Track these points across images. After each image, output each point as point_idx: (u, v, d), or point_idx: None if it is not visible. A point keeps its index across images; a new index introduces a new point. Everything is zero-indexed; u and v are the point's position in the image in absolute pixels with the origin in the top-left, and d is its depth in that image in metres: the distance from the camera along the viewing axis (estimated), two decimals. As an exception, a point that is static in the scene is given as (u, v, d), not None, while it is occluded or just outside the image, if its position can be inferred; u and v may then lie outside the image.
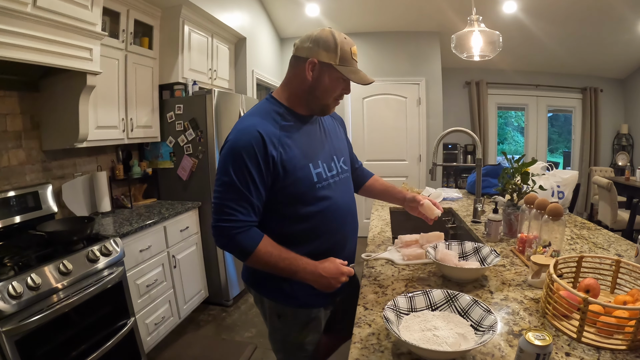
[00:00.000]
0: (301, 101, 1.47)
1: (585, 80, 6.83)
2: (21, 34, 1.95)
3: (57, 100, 2.57)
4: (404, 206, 1.88)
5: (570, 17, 5.12)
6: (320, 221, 1.46)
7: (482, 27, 2.92)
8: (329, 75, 1.40)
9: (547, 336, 0.90)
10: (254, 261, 1.35)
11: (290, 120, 1.44)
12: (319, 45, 1.37)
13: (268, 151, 1.31)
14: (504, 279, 1.54)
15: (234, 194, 1.30)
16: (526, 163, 2.12)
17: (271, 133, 1.34)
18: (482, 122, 6.86)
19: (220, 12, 3.93)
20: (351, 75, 1.40)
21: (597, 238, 2.09)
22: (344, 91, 1.48)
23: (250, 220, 1.33)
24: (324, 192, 1.45)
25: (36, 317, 1.80)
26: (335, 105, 1.52)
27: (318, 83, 1.41)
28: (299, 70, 1.42)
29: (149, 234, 2.82)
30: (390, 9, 5.23)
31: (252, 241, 1.32)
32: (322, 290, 1.39)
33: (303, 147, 1.43)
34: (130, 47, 3.11)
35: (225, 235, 1.31)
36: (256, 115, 1.41)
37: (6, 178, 2.46)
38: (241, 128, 1.35)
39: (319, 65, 1.38)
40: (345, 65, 1.40)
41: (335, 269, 1.38)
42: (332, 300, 1.59)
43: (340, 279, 1.38)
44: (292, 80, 1.46)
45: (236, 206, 1.30)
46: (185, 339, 3.16)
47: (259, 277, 1.52)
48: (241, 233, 1.31)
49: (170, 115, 3.57)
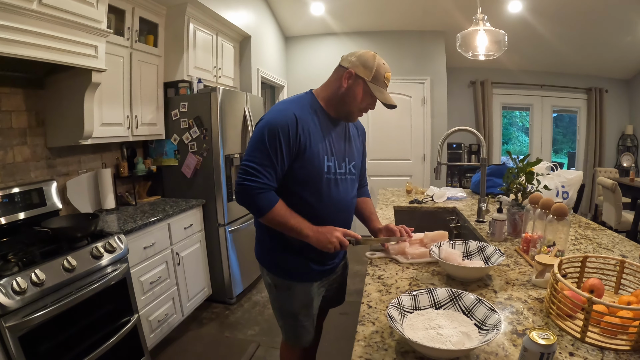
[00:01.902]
0: (333, 103, 1.70)
1: (590, 81, 6.80)
2: (27, 31, 1.96)
3: (62, 98, 2.58)
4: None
5: (575, 17, 5.10)
6: (318, 209, 1.66)
7: (488, 26, 2.91)
8: (360, 87, 1.64)
9: (551, 335, 0.89)
10: (269, 218, 1.58)
11: (320, 116, 1.68)
12: (360, 61, 1.62)
13: (298, 133, 1.55)
14: (508, 279, 1.54)
15: (264, 160, 1.53)
16: (531, 163, 2.12)
17: (303, 120, 1.58)
18: (487, 121, 6.84)
19: (226, 11, 3.94)
20: (377, 94, 1.64)
21: (601, 239, 2.08)
22: (369, 106, 1.71)
23: (271, 185, 1.56)
24: (329, 184, 1.67)
25: (40, 313, 1.81)
26: (359, 116, 1.76)
27: (349, 91, 1.64)
28: (339, 76, 1.66)
29: (153, 231, 2.83)
30: (395, 8, 5.23)
31: (269, 202, 1.55)
32: (320, 247, 1.60)
33: (324, 140, 1.66)
34: (135, 45, 3.12)
35: (248, 193, 1.54)
36: (294, 102, 1.67)
37: (11, 175, 2.47)
38: (280, 109, 1.61)
39: (355, 76, 1.63)
40: (376, 84, 1.64)
41: (330, 227, 1.63)
42: (324, 276, 1.83)
43: (334, 233, 1.60)
44: (332, 84, 1.70)
45: (262, 170, 1.53)
46: (188, 337, 3.17)
47: (263, 252, 1.81)
48: (262, 193, 1.54)
49: (174, 112, 3.58)
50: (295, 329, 1.82)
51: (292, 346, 1.91)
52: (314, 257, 1.73)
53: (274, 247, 1.74)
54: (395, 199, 3.33)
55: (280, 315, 1.84)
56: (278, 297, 1.80)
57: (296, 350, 1.93)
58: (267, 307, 3.65)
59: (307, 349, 2.02)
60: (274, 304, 1.86)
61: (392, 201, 3.22)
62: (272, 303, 1.88)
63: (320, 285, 1.84)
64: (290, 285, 1.75)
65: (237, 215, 3.78)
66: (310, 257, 1.73)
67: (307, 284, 1.77)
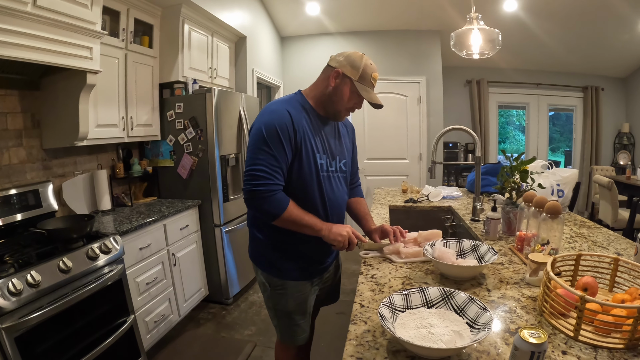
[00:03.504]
0: (321, 102, 1.72)
1: (586, 79, 6.82)
2: (21, 33, 1.96)
3: (58, 99, 2.57)
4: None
5: (571, 15, 5.11)
6: (311, 207, 1.67)
7: (482, 25, 2.92)
8: (347, 87, 1.66)
9: (542, 334, 0.89)
10: (284, 219, 1.58)
11: (311, 115, 1.70)
12: (348, 61, 1.65)
13: (295, 129, 1.58)
14: (501, 277, 1.54)
15: (270, 160, 1.55)
16: (525, 161, 2.12)
17: (297, 118, 1.61)
18: (483, 120, 6.85)
19: (221, 11, 3.93)
20: (364, 93, 1.67)
21: (596, 237, 2.09)
22: (356, 105, 1.74)
23: (281, 184, 1.58)
24: (323, 181, 1.70)
25: (36, 314, 1.81)
26: (346, 115, 1.79)
27: (337, 91, 1.67)
28: (327, 76, 1.69)
29: (149, 232, 2.83)
30: (390, 8, 5.22)
31: (282, 203, 1.56)
32: (330, 240, 1.61)
33: (316, 138, 1.69)
34: (130, 46, 3.12)
35: (260, 197, 1.55)
36: (286, 102, 1.68)
37: (7, 176, 2.47)
38: (274, 109, 1.62)
39: (342, 76, 1.65)
40: (363, 84, 1.66)
41: (340, 225, 1.65)
42: (317, 275, 1.84)
43: (345, 228, 1.62)
44: (320, 83, 1.73)
45: (270, 171, 1.55)
46: (185, 337, 3.17)
47: (257, 252, 1.82)
48: (274, 195, 1.55)
49: (170, 113, 3.57)
50: (289, 328, 1.83)
51: (286, 345, 1.92)
52: (307, 256, 1.76)
53: (268, 246, 1.75)
54: (390, 198, 3.34)
55: (275, 315, 1.85)
56: (272, 296, 1.81)
57: (291, 349, 1.94)
58: (263, 307, 3.65)
59: (302, 347, 2.03)
60: (268, 303, 1.86)
61: (388, 201, 3.22)
62: (266, 302, 1.88)
63: (314, 284, 1.84)
64: (284, 284, 1.76)
65: (233, 215, 3.78)
66: (303, 256, 1.74)
67: (301, 282, 1.77)
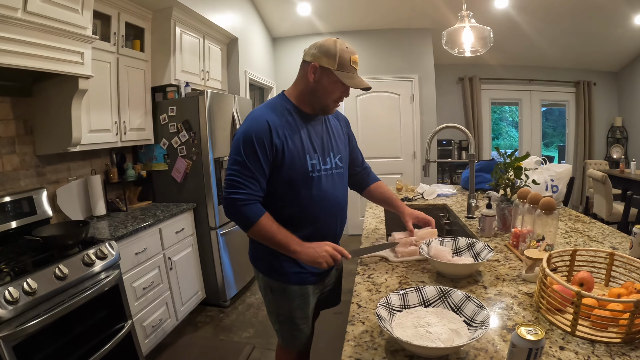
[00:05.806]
0: (306, 100, 1.67)
1: (578, 74, 6.86)
2: (12, 39, 1.94)
3: (50, 105, 2.56)
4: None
5: (562, 10, 5.14)
6: (308, 208, 1.66)
7: (473, 22, 2.92)
8: (328, 78, 1.59)
9: (539, 331, 0.90)
10: (255, 231, 1.56)
11: (295, 116, 1.65)
12: (321, 51, 1.58)
13: (273, 138, 1.54)
14: (498, 274, 1.55)
15: (245, 171, 1.52)
16: (519, 157, 2.13)
17: (277, 124, 1.57)
18: (476, 117, 6.88)
19: (212, 13, 3.92)
20: (347, 80, 1.58)
21: (591, 231, 2.10)
22: (343, 94, 1.66)
23: (256, 195, 1.55)
24: (315, 182, 1.65)
25: (33, 322, 1.79)
26: (335, 107, 1.71)
27: (318, 85, 1.60)
28: (305, 72, 1.63)
29: (145, 237, 2.82)
30: (381, 7, 5.23)
31: (254, 214, 1.54)
32: (310, 263, 1.56)
33: (302, 140, 1.63)
34: (121, 50, 3.10)
35: (233, 205, 1.53)
36: (267, 107, 1.64)
37: (1, 184, 2.45)
38: (254, 117, 1.59)
39: (319, 69, 1.58)
40: (343, 71, 1.58)
41: (318, 242, 1.58)
42: (319, 279, 1.81)
43: (323, 247, 1.56)
44: (300, 82, 1.67)
45: (245, 181, 1.52)
46: (183, 341, 3.16)
47: (257, 255, 1.78)
48: (247, 205, 1.53)
49: (163, 117, 3.56)
50: (291, 332, 1.81)
51: (288, 349, 1.90)
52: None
53: (269, 250, 1.71)
54: (386, 197, 3.33)
55: (277, 319, 1.82)
56: (274, 300, 1.78)
57: (292, 353, 1.92)
58: (261, 309, 3.65)
59: (302, 350, 2.02)
60: (269, 308, 1.84)
61: (384, 199, 3.21)
62: (267, 307, 1.86)
63: (316, 287, 1.82)
64: (286, 288, 1.73)
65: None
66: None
67: (302, 286, 1.75)
